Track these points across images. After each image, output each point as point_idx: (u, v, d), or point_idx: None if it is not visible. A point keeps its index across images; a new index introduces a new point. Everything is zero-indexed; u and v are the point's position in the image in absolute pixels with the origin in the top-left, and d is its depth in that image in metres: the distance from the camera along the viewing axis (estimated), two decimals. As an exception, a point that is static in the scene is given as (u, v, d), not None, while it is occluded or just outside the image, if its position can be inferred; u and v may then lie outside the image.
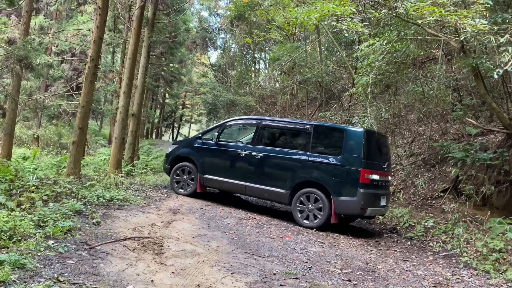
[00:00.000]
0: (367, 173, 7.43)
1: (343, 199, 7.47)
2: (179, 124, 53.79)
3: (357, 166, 7.43)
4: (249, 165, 8.55)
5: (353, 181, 7.42)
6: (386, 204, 8.06)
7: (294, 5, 15.16)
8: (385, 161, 8.05)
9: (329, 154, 7.83)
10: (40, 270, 3.97)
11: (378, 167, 7.76)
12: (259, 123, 8.89)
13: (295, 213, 7.98)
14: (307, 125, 8.35)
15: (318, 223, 7.66)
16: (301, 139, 8.32)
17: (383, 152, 8.26)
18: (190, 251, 5.35)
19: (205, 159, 9.12)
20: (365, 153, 7.47)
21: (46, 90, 23.94)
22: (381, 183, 7.82)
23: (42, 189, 7.04)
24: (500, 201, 8.35)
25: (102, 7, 9.35)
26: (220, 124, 9.48)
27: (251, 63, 31.61)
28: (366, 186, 7.42)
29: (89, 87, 9.27)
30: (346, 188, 7.49)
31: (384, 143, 8.46)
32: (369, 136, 7.79)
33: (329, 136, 8.15)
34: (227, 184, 8.85)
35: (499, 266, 6.08)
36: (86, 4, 23.53)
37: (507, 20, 7.39)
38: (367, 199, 7.42)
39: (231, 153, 8.84)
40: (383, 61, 9.91)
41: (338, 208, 7.51)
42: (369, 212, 7.54)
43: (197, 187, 9.15)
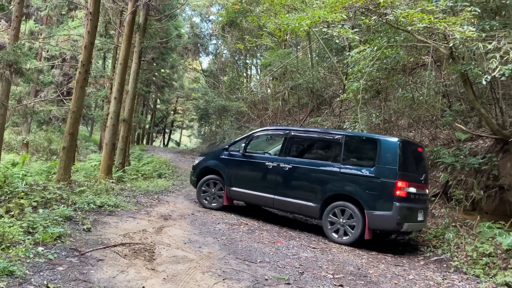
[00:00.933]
0: (403, 186, 6.97)
1: (377, 213, 7.00)
2: (170, 130, 53.62)
3: (392, 178, 6.98)
4: (277, 178, 8.22)
5: (388, 194, 6.97)
6: (424, 219, 7.53)
7: (286, 11, 15.27)
8: (422, 173, 7.58)
9: (362, 166, 7.41)
10: (29, 277, 3.92)
11: (415, 179, 7.30)
12: (287, 133, 8.59)
13: (326, 228, 7.56)
14: (338, 135, 7.94)
15: (351, 239, 7.22)
16: (332, 150, 7.90)
17: (419, 163, 7.76)
18: (182, 257, 5.32)
19: (231, 171, 8.86)
20: (400, 165, 7.03)
21: (36, 96, 23.73)
22: (418, 196, 7.34)
23: (32, 195, 6.97)
24: (489, 205, 8.44)
25: (93, 12, 9.33)
26: (247, 135, 9.23)
27: (242, 69, 31.69)
28: (402, 199, 6.95)
29: (80, 92, 9.23)
30: (380, 202, 7.04)
31: (420, 153, 7.91)
32: (404, 147, 7.36)
33: (362, 146, 7.77)
34: (254, 197, 8.53)
35: (489, 270, 6.14)
36: (77, 9, 23.42)
37: (494, 27, 7.51)
38: (404, 213, 6.94)
39: (259, 164, 8.56)
40: (374, 67, 10.02)
41: (372, 223, 7.04)
42: (406, 227, 7.02)
43: (224, 200, 8.91)
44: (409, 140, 8.60)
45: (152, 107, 42.04)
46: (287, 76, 20.35)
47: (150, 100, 38.77)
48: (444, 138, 11.25)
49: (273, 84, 24.72)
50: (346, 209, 7.33)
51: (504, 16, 8.74)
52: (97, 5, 9.46)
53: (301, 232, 7.98)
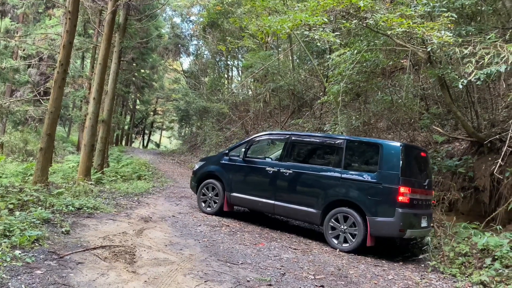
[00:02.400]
0: (406, 191, 6.75)
1: (379, 219, 6.81)
2: (150, 131, 53.08)
3: (395, 184, 6.76)
4: (278, 183, 8.04)
5: (390, 200, 6.76)
6: (427, 225, 7.31)
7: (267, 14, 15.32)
8: (426, 178, 7.40)
9: (363, 171, 7.22)
10: (7, 281, 3.83)
11: (418, 185, 7.12)
12: (287, 138, 8.42)
13: (327, 235, 7.36)
14: (339, 139, 7.73)
15: (353, 246, 7.02)
16: (333, 155, 7.67)
17: (423, 168, 7.57)
18: (163, 260, 5.28)
19: (232, 176, 8.71)
20: (403, 170, 6.81)
21: (11, 95, 23.19)
22: (421, 202, 7.16)
23: (8, 197, 6.80)
24: (465, 206, 8.66)
25: (72, 11, 9.18)
26: (247, 140, 9.10)
27: (224, 70, 31.65)
28: (405, 205, 6.74)
29: (58, 92, 9.06)
30: (382, 208, 6.82)
31: (423, 158, 7.69)
32: (407, 151, 7.17)
33: (364, 151, 7.61)
34: (255, 203, 8.36)
35: (465, 269, 6.30)
36: (55, 7, 22.98)
37: (470, 32, 7.73)
38: (406, 219, 6.73)
39: (259, 170, 8.39)
40: (354, 70, 10.16)
41: (374, 229, 6.85)
42: (409, 234, 6.82)
43: (224, 206, 8.74)
44: (412, 145, 8.56)
45: (131, 108, 41.58)
46: (268, 78, 20.42)
47: (130, 101, 38.35)
48: (422, 140, 11.48)
49: (254, 85, 24.77)
50: (348, 215, 7.12)
51: (479, 22, 9.00)
52: (76, 4, 9.31)
53: (282, 233, 8.01)
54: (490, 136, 8.24)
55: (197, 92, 28.37)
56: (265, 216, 9.62)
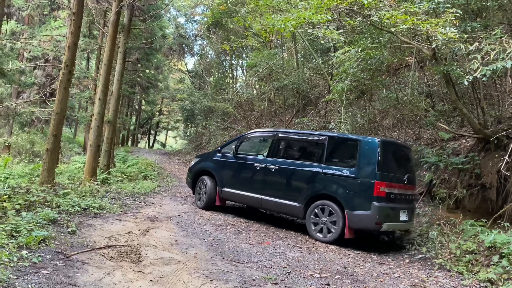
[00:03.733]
0: (382, 186, 7.00)
1: (357, 213, 7.06)
2: (155, 131, 53.24)
3: (371, 178, 7.02)
4: (265, 178, 8.39)
5: (367, 194, 7.01)
6: (408, 219, 7.54)
7: (271, 12, 15.30)
8: (405, 174, 7.55)
9: (343, 166, 7.50)
10: (14, 281, 3.86)
11: (396, 180, 7.34)
12: (274, 135, 8.80)
13: (309, 227, 7.66)
14: (322, 136, 8.10)
15: (331, 237, 7.31)
16: (316, 151, 8.05)
17: (403, 164, 7.79)
18: (169, 259, 5.30)
19: (223, 172, 9.12)
20: (380, 165, 7.06)
21: (18, 97, 23.33)
22: (400, 196, 7.39)
23: (15, 198, 6.85)
24: (472, 204, 8.59)
25: (77, 12, 9.23)
26: (238, 137, 9.50)
27: (228, 70, 31.65)
28: (382, 199, 6.99)
29: (63, 93, 9.11)
30: (360, 202, 7.08)
31: (405, 154, 8.00)
32: (385, 147, 7.39)
33: (344, 147, 7.87)
34: (244, 198, 8.75)
35: (472, 267, 6.25)
36: (60, 9, 23.08)
37: (475, 28, 7.66)
38: (383, 213, 6.97)
39: (248, 166, 8.75)
40: (358, 68, 10.12)
41: (352, 222, 7.10)
42: (386, 227, 7.06)
43: (215, 200, 9.13)
44: (392, 141, 8.80)
45: (137, 108, 41.74)
46: (273, 77, 20.40)
47: (135, 101, 38.51)
48: (427, 138, 11.41)
49: (259, 85, 24.76)
50: (328, 208, 7.42)
51: (484, 18, 8.92)
52: (81, 5, 9.36)
53: (288, 232, 8.01)
54: (496, 132, 8.17)
55: (202, 92, 28.40)
56: (270, 215, 9.62)
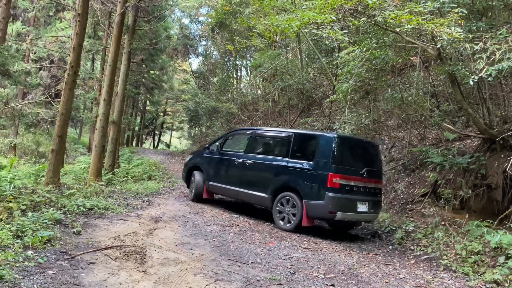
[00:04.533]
0: (336, 178, 7.53)
1: (313, 202, 7.64)
2: (160, 132, 53.37)
3: (326, 171, 7.57)
4: (242, 172, 9.11)
5: (321, 185, 7.57)
6: (369, 211, 7.99)
7: (275, 13, 15.31)
8: (364, 167, 7.98)
9: (304, 160, 8.06)
10: (19, 281, 3.88)
11: (353, 172, 7.81)
12: (251, 133, 9.58)
13: (274, 216, 8.32)
14: (289, 133, 8.74)
15: (292, 226, 7.94)
16: (283, 147, 8.65)
17: (362, 159, 8.24)
18: (173, 259, 5.30)
19: (209, 167, 9.96)
20: (335, 158, 7.61)
21: (23, 98, 23.46)
22: (358, 188, 7.86)
23: (20, 198, 6.89)
24: (477, 204, 8.54)
25: (82, 13, 9.27)
26: (223, 135, 10.38)
27: (232, 70, 31.68)
28: (335, 190, 7.51)
29: (69, 94, 9.15)
30: (315, 192, 7.65)
31: (366, 150, 8.55)
32: (341, 142, 7.92)
33: (306, 142, 8.41)
34: (225, 190, 9.54)
35: (477, 268, 6.21)
36: (65, 10, 23.21)
37: (481, 28, 7.62)
38: (336, 203, 7.47)
39: (229, 161, 9.52)
40: (363, 68, 10.09)
41: (309, 211, 7.70)
42: (340, 216, 7.52)
43: (203, 193, 9.98)
44: (350, 137, 9.41)
45: (141, 109, 41.85)
46: (277, 77, 20.39)
47: (140, 102, 38.61)
48: (432, 138, 11.36)
49: (263, 85, 24.77)
50: (290, 199, 8.02)
51: (490, 17, 8.87)
52: (86, 6, 9.39)
53: (292, 232, 8.00)
54: (502, 132, 8.12)
55: (206, 92, 28.44)
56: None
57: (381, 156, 8.81)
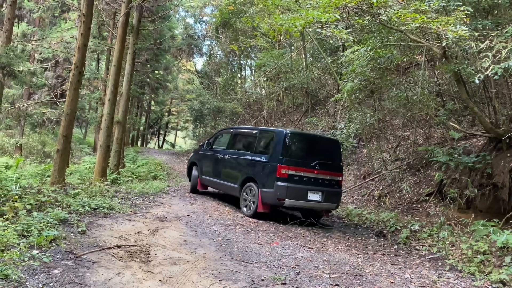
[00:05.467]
0: (285, 169, 8.29)
1: (266, 190, 8.47)
2: (165, 131, 53.48)
3: (276, 162, 8.39)
4: (222, 166, 10.21)
5: (272, 175, 8.38)
6: (322, 200, 8.61)
7: (279, 12, 15.29)
8: (316, 160, 8.65)
9: (263, 154, 8.99)
10: (25, 280, 3.89)
11: (303, 164, 8.51)
12: (232, 131, 10.71)
13: (241, 204, 9.23)
14: (256, 130, 9.85)
15: (251, 212, 8.80)
16: (251, 143, 9.60)
17: (316, 153, 8.84)
18: (178, 259, 5.31)
19: (202, 163, 11.16)
20: (284, 151, 8.43)
21: (29, 98, 23.60)
22: (308, 179, 8.52)
23: (26, 198, 6.92)
24: (484, 203, 8.49)
25: (87, 14, 9.29)
26: (214, 134, 11.51)
27: (237, 70, 31.68)
28: (284, 179, 8.25)
29: (74, 94, 9.19)
30: (268, 181, 8.49)
31: (322, 145, 9.20)
32: (293, 137, 8.74)
33: (266, 138, 9.27)
34: (211, 182, 10.66)
35: (484, 268, 6.17)
36: (70, 11, 23.32)
37: (487, 26, 7.56)
38: (283, 191, 8.23)
39: (215, 157, 10.59)
40: (368, 67, 10.05)
41: (264, 198, 8.51)
42: (288, 203, 8.32)
43: (197, 185, 11.24)
44: (304, 132, 10.56)
45: (146, 109, 41.94)
46: (281, 77, 20.37)
47: (144, 102, 38.67)
48: (438, 137, 11.31)
49: (267, 84, 24.75)
50: (252, 188, 8.86)
51: (496, 15, 8.80)
52: (90, 6, 9.42)
53: (297, 232, 7.99)
54: (508, 131, 8.06)
55: (210, 92, 28.47)
56: (280, 215, 9.60)
57: (340, 151, 9.52)
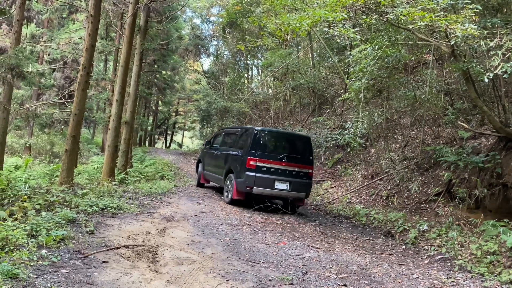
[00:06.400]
0: (253, 161, 9.51)
1: (238, 180, 9.71)
2: (172, 132, 53.65)
3: (246, 155, 9.63)
4: (215, 161, 11.60)
5: (243, 166, 9.63)
6: (290, 189, 9.65)
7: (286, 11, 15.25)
8: (282, 154, 9.76)
9: (239, 149, 10.23)
10: (33, 280, 3.92)
11: (270, 157, 9.67)
12: (224, 131, 12.46)
13: (224, 192, 10.57)
14: (238, 129, 11.53)
15: (229, 199, 10.07)
16: (234, 140, 10.89)
17: (284, 147, 10.01)
18: (185, 259, 5.32)
19: (204, 159, 12.62)
20: (254, 146, 9.64)
21: (38, 99, 23.79)
22: (276, 170, 9.64)
23: (35, 198, 6.98)
24: (493, 203, 8.40)
25: (94, 15, 9.35)
26: (215, 134, 13.07)
27: (243, 70, 31.70)
28: (252, 170, 9.50)
29: (82, 95, 9.24)
30: (240, 172, 9.71)
31: (291, 141, 10.29)
32: (262, 133, 10.03)
33: (244, 135, 10.42)
34: (209, 176, 12.05)
35: (493, 268, 6.11)
36: (78, 12, 23.48)
37: (496, 24, 7.48)
38: (252, 180, 9.44)
39: (212, 153, 12.02)
40: (375, 66, 9.97)
41: (237, 187, 9.73)
42: (256, 191, 9.48)
43: (201, 180, 12.66)
44: (273, 129, 11.85)
45: (153, 109, 42.09)
46: (288, 76, 20.34)
47: (152, 102, 38.82)
48: (446, 137, 11.22)
49: (274, 84, 24.73)
50: (231, 178, 10.04)
51: (505, 13, 8.72)
52: (98, 7, 9.47)
53: (304, 232, 7.97)
54: (518, 131, 7.97)
55: (217, 92, 28.50)
56: (287, 215, 9.58)
57: (311, 146, 10.40)
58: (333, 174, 14.96)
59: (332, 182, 14.35)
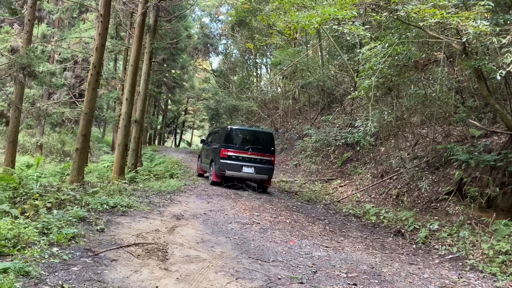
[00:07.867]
0: (225, 151, 12.24)
1: (216, 166, 12.54)
2: (181, 130, 53.85)
3: (221, 147, 12.35)
4: (206, 154, 14.33)
5: (219, 155, 12.33)
6: (255, 173, 12.27)
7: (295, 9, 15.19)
8: (248, 145, 12.44)
9: (218, 143, 12.92)
10: (45, 277, 3.96)
11: (239, 148, 12.37)
12: (213, 131, 15.49)
13: (208, 177, 13.60)
14: (219, 128, 14.33)
15: (209, 181, 13.14)
16: (216, 137, 13.79)
17: (251, 140, 12.68)
18: (195, 257, 5.33)
19: (201, 153, 15.49)
20: (226, 140, 12.45)
21: (49, 98, 24.03)
22: (243, 158, 12.25)
23: (46, 196, 7.05)
24: (505, 203, 8.29)
25: (104, 14, 9.40)
26: (210, 132, 16.14)
27: (252, 68, 31.67)
28: (225, 158, 12.22)
29: (92, 94, 9.31)
30: (217, 160, 12.47)
31: (256, 135, 13.03)
32: (233, 130, 12.96)
33: (220, 132, 13.41)
34: (203, 167, 14.57)
35: (505, 268, 6.03)
36: (88, 12, 23.65)
37: (508, 21, 7.37)
38: (224, 165, 12.20)
39: (206, 149, 14.43)
40: (385, 64, 9.90)
41: (215, 171, 12.54)
42: (229, 174, 12.21)
43: (199, 170, 15.39)
44: (242, 127, 14.84)
45: (163, 108, 42.29)
46: (297, 75, 20.28)
47: (161, 101, 39.02)
48: (457, 135, 11.10)
49: (283, 83, 24.67)
50: (213, 165, 12.83)
51: (518, 10, 8.57)
52: (108, 7, 9.53)
53: (313, 231, 7.95)
54: (531, 129, 7.86)
55: (226, 91, 28.53)
56: (295, 213, 9.57)
57: (273, 139, 13.08)
58: (343, 173, 14.90)
59: (342, 181, 14.29)
